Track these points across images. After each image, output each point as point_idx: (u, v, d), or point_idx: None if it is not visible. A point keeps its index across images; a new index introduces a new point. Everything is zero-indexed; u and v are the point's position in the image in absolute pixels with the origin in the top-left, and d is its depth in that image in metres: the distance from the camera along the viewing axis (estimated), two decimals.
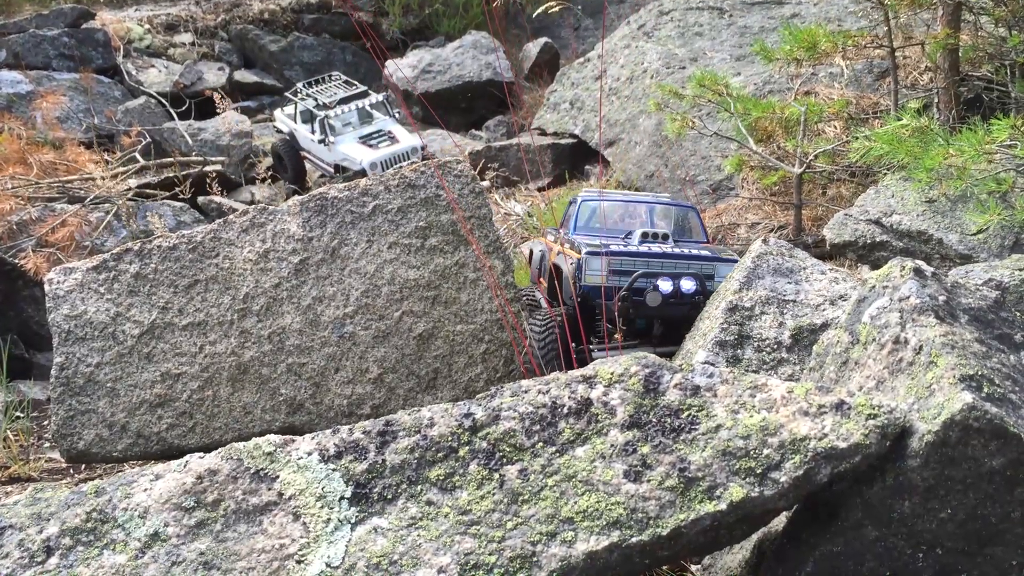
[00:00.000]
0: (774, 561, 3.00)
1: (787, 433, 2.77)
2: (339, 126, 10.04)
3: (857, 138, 6.77)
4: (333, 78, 10.61)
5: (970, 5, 7.24)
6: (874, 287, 3.19)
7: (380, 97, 10.14)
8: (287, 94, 10.55)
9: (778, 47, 7.63)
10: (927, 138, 5.90)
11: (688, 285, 5.42)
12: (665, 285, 5.41)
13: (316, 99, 10.09)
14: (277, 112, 10.75)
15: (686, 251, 5.70)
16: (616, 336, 5.42)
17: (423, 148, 10.04)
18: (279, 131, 10.69)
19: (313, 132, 9.98)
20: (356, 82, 10.53)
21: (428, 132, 11.24)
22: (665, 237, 5.95)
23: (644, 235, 5.96)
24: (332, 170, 10.05)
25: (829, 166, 7.73)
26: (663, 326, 5.61)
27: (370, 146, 9.84)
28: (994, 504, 2.73)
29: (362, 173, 9.52)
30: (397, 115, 10.51)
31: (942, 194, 6.13)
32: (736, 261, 5.56)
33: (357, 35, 13.39)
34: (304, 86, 10.41)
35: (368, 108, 10.26)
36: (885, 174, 6.86)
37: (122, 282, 5.50)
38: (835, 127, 8.17)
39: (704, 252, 5.73)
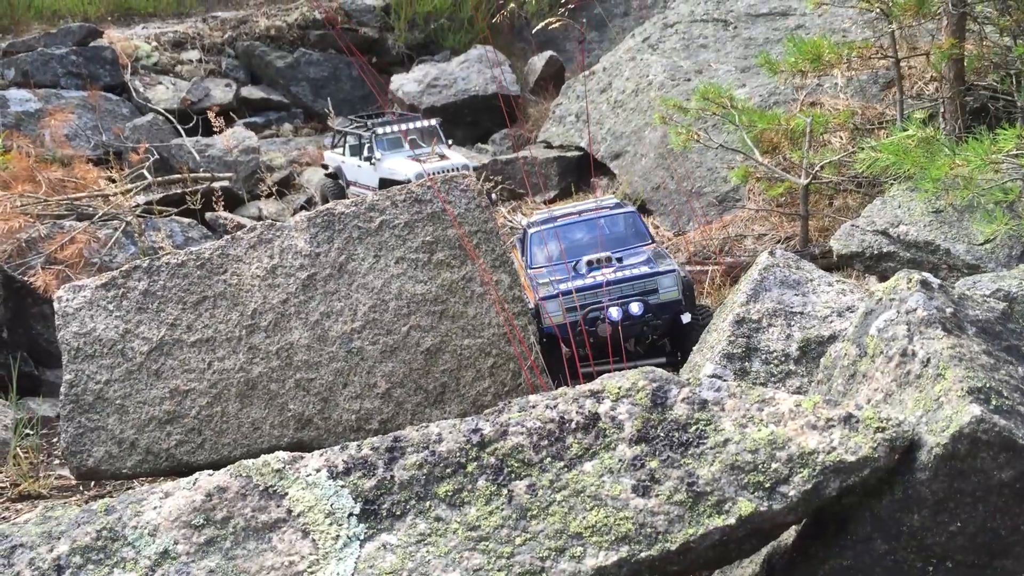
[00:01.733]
0: (784, 575, 2.99)
1: (795, 447, 2.77)
2: (387, 145, 9.89)
3: (863, 149, 6.77)
4: (394, 113, 10.48)
5: (975, 15, 7.25)
6: (881, 300, 3.19)
7: (433, 122, 9.95)
8: (337, 128, 10.34)
9: (783, 59, 7.64)
10: (933, 148, 5.90)
11: (636, 308, 6.00)
12: (614, 312, 5.98)
13: (366, 123, 9.91)
14: (326, 152, 10.57)
15: (628, 273, 6.21)
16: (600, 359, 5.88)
17: (472, 168, 9.86)
18: (326, 169, 10.49)
19: (361, 158, 9.73)
20: (414, 116, 10.51)
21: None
22: (608, 260, 6.43)
23: (589, 263, 6.43)
24: (376, 188, 9.88)
25: (835, 177, 7.73)
26: (637, 343, 6.19)
27: (418, 161, 9.71)
28: (1003, 517, 2.72)
29: None
30: (450, 143, 10.43)
31: (949, 204, 6.12)
32: (674, 269, 6.19)
33: (364, 50, 13.44)
34: (356, 118, 10.25)
35: (419, 129, 10.03)
36: (891, 184, 6.85)
37: (131, 299, 5.53)
38: (841, 138, 8.18)
39: (644, 268, 6.24)
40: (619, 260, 6.50)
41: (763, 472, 2.75)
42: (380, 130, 9.49)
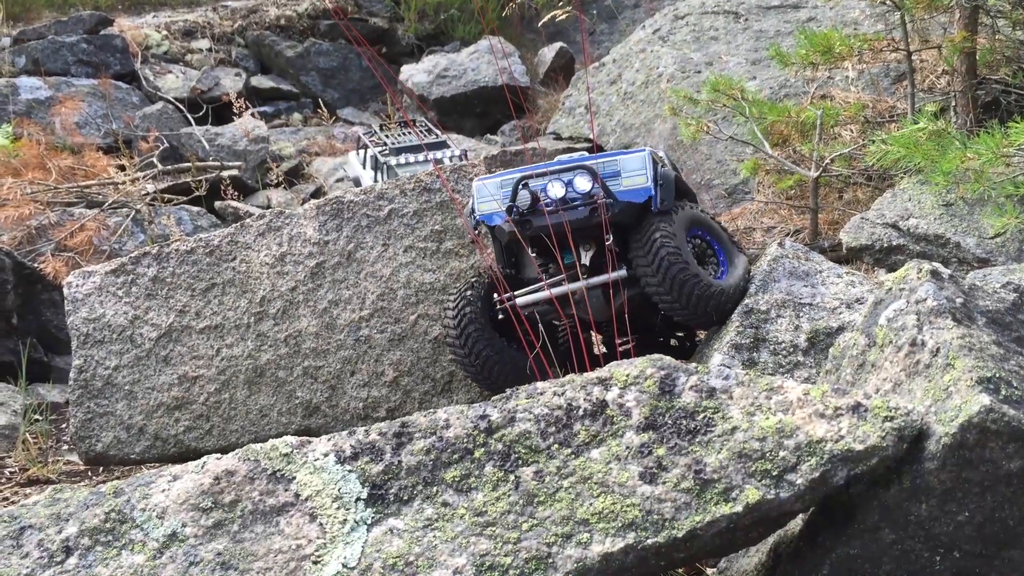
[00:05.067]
0: (790, 564, 2.99)
1: (803, 435, 2.77)
2: (405, 174, 9.12)
3: (873, 142, 6.74)
4: (417, 123, 9.76)
5: (987, 8, 7.20)
6: (891, 289, 3.19)
7: (457, 152, 9.21)
8: (360, 135, 9.79)
9: (794, 51, 7.61)
10: (944, 142, 5.88)
11: (583, 184, 4.60)
12: (555, 189, 4.63)
13: (386, 144, 9.10)
14: (351, 155, 10.12)
15: (578, 158, 4.93)
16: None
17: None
18: (347, 176, 10.18)
19: (375, 180, 9.21)
20: (437, 130, 9.71)
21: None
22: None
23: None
24: None
25: (845, 170, 7.71)
26: (594, 252, 4.73)
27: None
28: (1012, 507, 2.72)
29: None
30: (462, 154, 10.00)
31: (959, 198, 6.10)
32: (643, 150, 4.85)
33: (373, 41, 13.42)
34: (378, 128, 9.63)
35: (440, 158, 9.36)
36: (902, 178, 6.83)
37: (140, 285, 5.55)
38: (851, 131, 8.15)
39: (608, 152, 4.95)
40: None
41: (771, 460, 2.75)
42: (394, 160, 8.91)
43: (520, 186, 4.72)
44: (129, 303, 5.52)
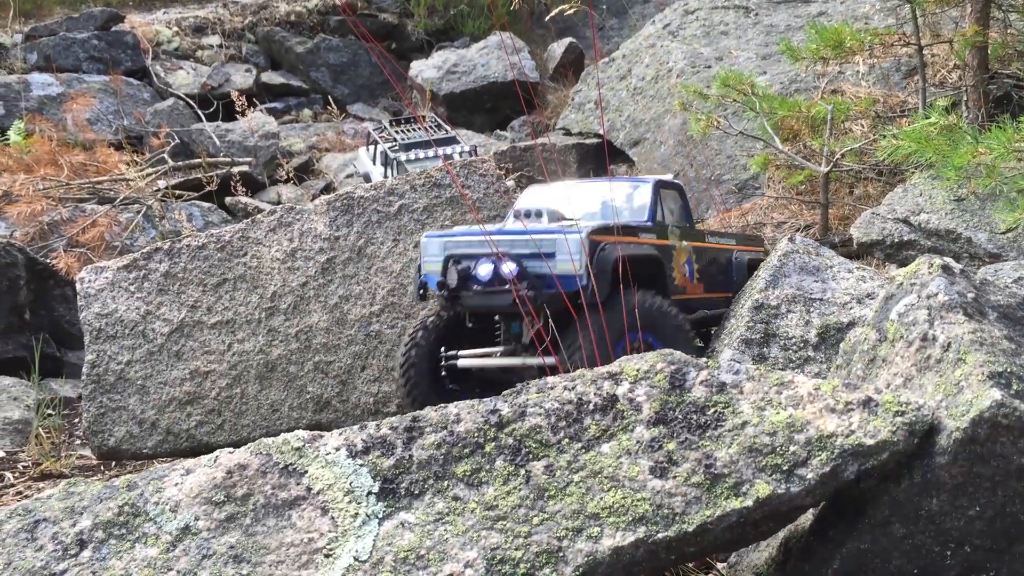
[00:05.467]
0: (801, 558, 2.99)
1: (814, 430, 2.76)
2: (414, 170, 9.07)
3: (884, 136, 6.72)
4: (427, 120, 9.85)
5: (999, 2, 7.18)
6: (902, 284, 3.18)
7: (467, 148, 9.22)
8: (371, 130, 9.79)
9: (804, 46, 7.59)
10: (956, 136, 5.86)
11: (508, 269, 4.43)
12: (484, 269, 4.48)
13: (396, 140, 9.20)
14: (361, 151, 10.12)
15: (522, 228, 4.67)
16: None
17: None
18: (357, 172, 10.16)
19: (385, 176, 9.20)
20: (447, 127, 9.77)
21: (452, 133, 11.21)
22: (539, 215, 4.83)
23: (516, 215, 4.93)
24: None
25: (856, 165, 7.69)
26: (548, 326, 4.43)
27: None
28: (1023, 502, 2.71)
29: None
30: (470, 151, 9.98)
31: (971, 193, 6.08)
32: (579, 232, 4.49)
33: (383, 37, 13.44)
34: (389, 124, 9.69)
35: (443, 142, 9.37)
36: (913, 173, 6.81)
37: (152, 281, 5.58)
38: (862, 126, 8.12)
39: (553, 228, 4.62)
40: (559, 218, 4.86)
41: (781, 455, 2.75)
42: (404, 156, 8.91)
43: (449, 263, 4.65)
44: (141, 298, 5.55)
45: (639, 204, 5.19)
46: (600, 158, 10.65)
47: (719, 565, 3.55)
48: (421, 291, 4.89)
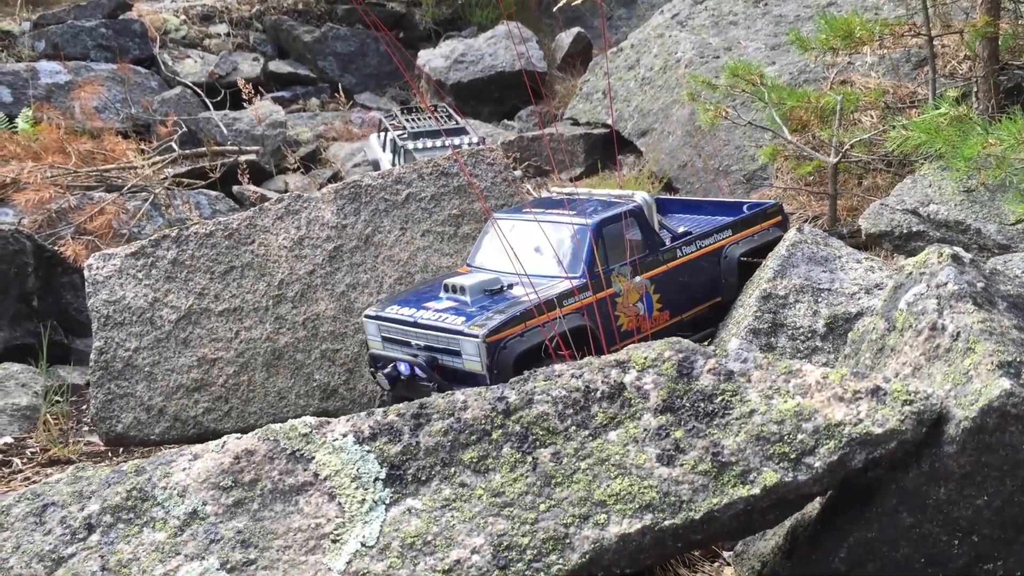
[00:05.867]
0: (807, 547, 2.99)
1: (822, 418, 2.76)
2: (422, 158, 9.01)
3: (894, 127, 6.69)
4: (438, 109, 9.68)
5: None
6: (911, 274, 3.17)
7: (475, 139, 9.12)
8: (382, 118, 9.69)
9: (814, 36, 7.55)
10: (966, 127, 5.83)
11: (405, 369, 4.73)
12: (404, 368, 4.74)
13: (405, 128, 9.10)
14: (372, 137, 10.04)
15: (437, 320, 4.71)
16: None
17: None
18: (367, 159, 10.11)
19: (394, 165, 9.15)
20: (457, 116, 9.65)
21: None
22: (462, 290, 4.84)
23: (447, 288, 4.93)
24: None
25: (865, 156, 7.65)
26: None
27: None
28: None
29: None
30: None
31: (980, 184, 6.05)
32: (475, 335, 4.49)
33: (391, 25, 13.41)
34: (399, 112, 9.56)
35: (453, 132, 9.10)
36: (922, 164, 6.78)
37: (160, 268, 5.58)
38: (871, 116, 8.08)
39: (457, 322, 4.64)
40: (489, 292, 4.84)
41: (788, 443, 2.75)
42: (411, 144, 8.87)
43: (379, 364, 4.93)
44: (149, 285, 5.55)
45: (574, 254, 4.96)
46: (607, 148, 10.63)
47: (725, 553, 3.55)
48: (371, 371, 5.12)
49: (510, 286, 4.85)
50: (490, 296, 4.79)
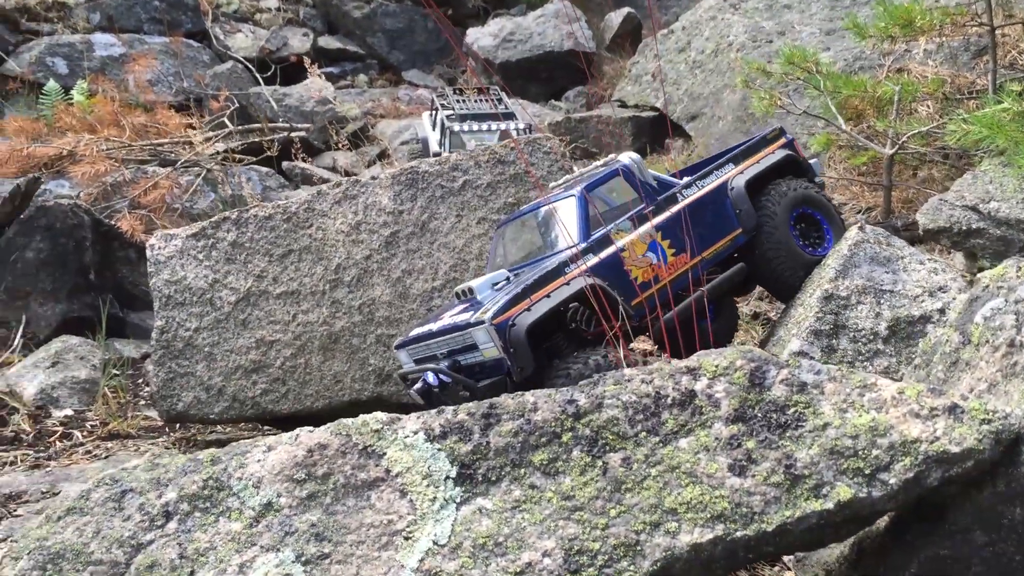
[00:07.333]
0: (874, 559, 3.00)
1: (897, 434, 2.76)
2: (468, 141, 8.84)
3: (953, 120, 6.58)
4: (489, 91, 9.56)
5: None
6: (987, 287, 3.14)
7: (522, 125, 9.04)
8: (433, 96, 9.66)
9: (871, 22, 7.43)
10: None
11: (431, 378, 4.73)
12: (431, 376, 4.75)
13: (454, 109, 9.03)
14: (424, 115, 9.99)
15: (449, 323, 4.74)
16: None
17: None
18: (416, 137, 10.06)
19: (441, 145, 9.13)
20: (508, 101, 9.50)
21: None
22: (471, 291, 4.87)
23: (458, 295, 4.98)
24: None
25: (922, 148, 7.54)
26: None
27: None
28: None
29: None
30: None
31: None
32: (482, 322, 4.49)
33: (440, 2, 13.38)
34: (451, 92, 9.47)
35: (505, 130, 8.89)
36: (982, 159, 6.67)
37: (220, 249, 5.66)
38: (928, 107, 7.96)
39: (462, 317, 4.68)
40: (496, 286, 4.87)
41: (863, 458, 2.75)
42: (457, 126, 8.80)
43: (408, 381, 4.93)
44: (209, 267, 5.63)
45: (572, 225, 4.99)
46: (655, 131, 10.56)
47: (786, 558, 3.57)
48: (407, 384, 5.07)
49: (517, 275, 4.92)
50: (498, 289, 4.84)
